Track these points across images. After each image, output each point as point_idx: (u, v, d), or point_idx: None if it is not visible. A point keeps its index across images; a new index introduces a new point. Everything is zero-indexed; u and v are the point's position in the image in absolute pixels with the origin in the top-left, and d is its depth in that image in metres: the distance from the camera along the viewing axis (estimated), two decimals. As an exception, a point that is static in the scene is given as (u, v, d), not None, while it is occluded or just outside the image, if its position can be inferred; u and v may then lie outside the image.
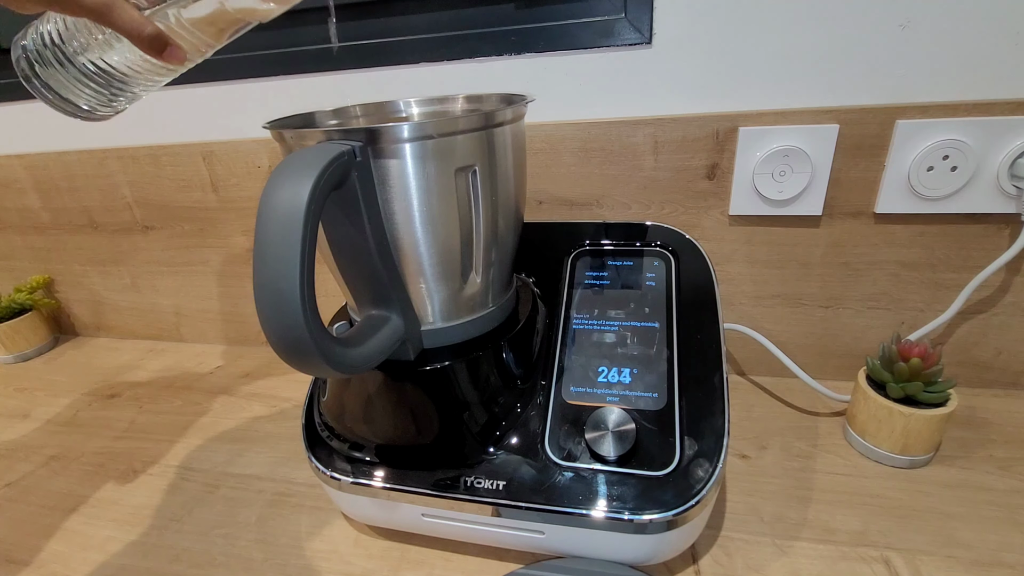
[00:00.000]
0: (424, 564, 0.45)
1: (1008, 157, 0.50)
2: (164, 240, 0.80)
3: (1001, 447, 0.52)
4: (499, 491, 0.40)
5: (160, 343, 0.88)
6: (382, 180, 0.34)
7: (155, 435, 0.64)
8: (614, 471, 0.40)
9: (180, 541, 0.49)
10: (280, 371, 0.75)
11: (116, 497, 0.55)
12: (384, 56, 0.62)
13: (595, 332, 0.47)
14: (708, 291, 0.48)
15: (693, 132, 0.56)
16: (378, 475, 0.42)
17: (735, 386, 0.65)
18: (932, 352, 0.48)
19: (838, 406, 0.60)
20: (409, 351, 0.40)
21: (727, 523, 0.46)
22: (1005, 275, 0.55)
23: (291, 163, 0.30)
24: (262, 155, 0.69)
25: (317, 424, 0.47)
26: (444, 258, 0.38)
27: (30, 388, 0.78)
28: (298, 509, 0.51)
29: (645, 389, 0.43)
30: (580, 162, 0.60)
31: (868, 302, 0.60)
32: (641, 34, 0.55)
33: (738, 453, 0.54)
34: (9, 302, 0.84)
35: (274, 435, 0.62)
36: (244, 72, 0.67)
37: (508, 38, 0.58)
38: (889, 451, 0.50)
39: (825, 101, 0.54)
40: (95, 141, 0.75)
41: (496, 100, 0.47)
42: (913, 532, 0.44)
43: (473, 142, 0.36)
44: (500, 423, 0.43)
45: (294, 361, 0.30)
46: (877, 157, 0.53)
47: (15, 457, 0.62)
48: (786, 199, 0.56)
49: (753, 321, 0.63)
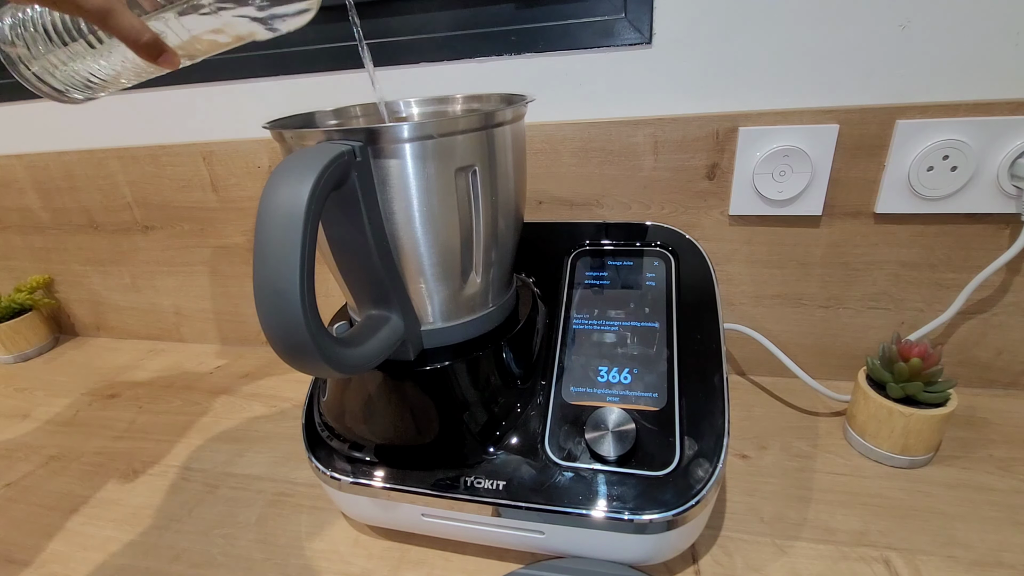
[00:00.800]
0: (424, 564, 0.45)
1: (1008, 157, 0.50)
2: (164, 240, 0.80)
3: (1001, 447, 0.52)
4: (499, 491, 0.40)
5: (160, 343, 0.88)
6: (382, 180, 0.34)
7: (155, 435, 0.64)
8: (614, 471, 0.40)
9: (180, 541, 0.49)
10: (280, 371, 0.75)
11: (116, 497, 0.55)
12: (384, 56, 0.62)
13: (595, 332, 0.47)
14: (708, 291, 0.48)
15: (693, 132, 0.56)
16: (378, 475, 0.42)
17: (735, 386, 0.65)
18: (932, 352, 0.48)
19: (838, 406, 0.60)
20: (409, 351, 0.40)
21: (727, 523, 0.46)
22: (1005, 275, 0.55)
23: (291, 163, 0.30)
24: (262, 155, 0.69)
25: (317, 424, 0.47)
26: (444, 258, 0.38)
27: (30, 388, 0.78)
28: (298, 509, 0.51)
29: (645, 389, 0.43)
30: (580, 162, 0.60)
31: (868, 302, 0.60)
32: (641, 34, 0.55)
33: (738, 453, 0.54)
34: (9, 302, 0.84)
35: (274, 435, 0.62)
36: (244, 72, 0.67)
37: (508, 38, 0.58)
38: (889, 451, 0.50)
39: (825, 101, 0.54)
40: (95, 141, 0.75)
41: (496, 100, 0.47)
42: (913, 532, 0.44)
43: (473, 142, 0.36)
44: (500, 423, 0.43)
45: (294, 361, 0.30)
46: (877, 157, 0.53)
47: (15, 457, 0.62)
48: (786, 199, 0.56)
49: (753, 321, 0.63)
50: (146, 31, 0.31)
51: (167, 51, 0.33)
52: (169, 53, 0.33)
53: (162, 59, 0.32)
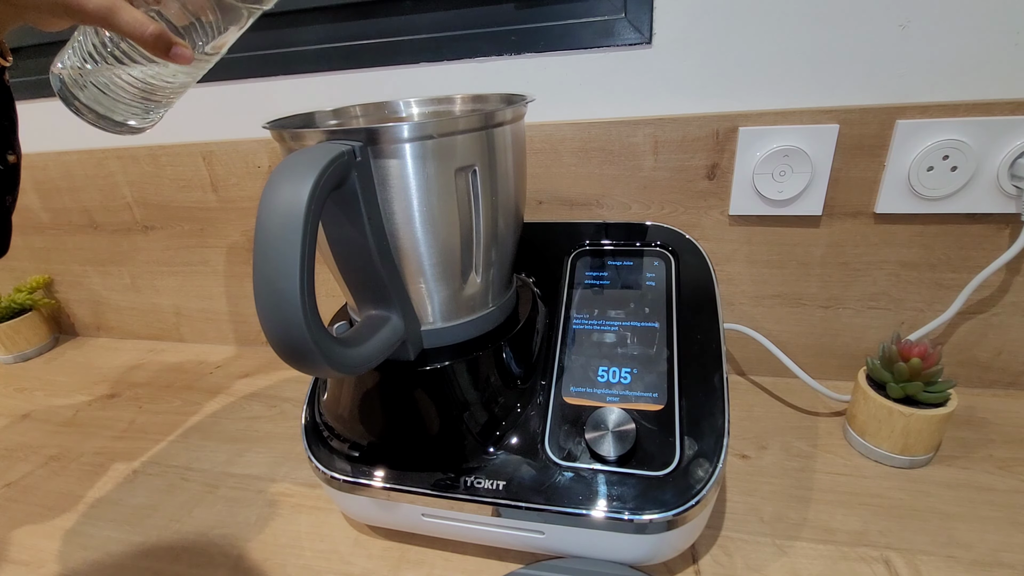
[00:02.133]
0: (424, 564, 0.45)
1: (1008, 157, 0.50)
2: (164, 240, 0.80)
3: (1001, 447, 0.52)
4: (499, 491, 0.40)
5: (160, 343, 0.88)
6: (382, 180, 0.34)
7: (155, 435, 0.64)
8: (614, 471, 0.40)
9: (180, 541, 0.49)
10: (280, 371, 0.75)
11: (116, 497, 0.55)
12: (384, 56, 0.62)
13: (595, 332, 0.47)
14: (708, 291, 0.48)
15: (693, 132, 0.56)
16: (378, 475, 0.42)
17: (735, 386, 0.65)
18: (932, 352, 0.48)
19: (838, 406, 0.60)
20: (409, 351, 0.40)
21: (727, 523, 0.46)
22: (1005, 275, 0.55)
23: (291, 163, 0.30)
24: (262, 155, 0.69)
25: (317, 424, 0.47)
26: (444, 258, 0.38)
27: (30, 388, 0.78)
28: (298, 509, 0.51)
29: (645, 389, 0.43)
30: (580, 162, 0.60)
31: (868, 302, 0.60)
32: (641, 34, 0.55)
33: (738, 453, 0.54)
34: (9, 302, 0.84)
35: (274, 435, 0.62)
36: (244, 72, 0.67)
37: (508, 38, 0.58)
38: (889, 451, 0.50)
39: (825, 101, 0.54)
40: (95, 141, 0.75)
41: (496, 100, 0.47)
42: (913, 532, 0.44)
43: (473, 142, 0.36)
44: (500, 423, 0.43)
45: (294, 361, 0.30)
46: (877, 157, 0.53)
47: (15, 457, 0.62)
48: (786, 199, 0.56)
49: (753, 321, 0.63)
50: (150, 23, 0.31)
51: (176, 44, 0.32)
52: (179, 47, 0.32)
53: (173, 53, 0.32)
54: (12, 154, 0.37)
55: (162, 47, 0.32)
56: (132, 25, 0.30)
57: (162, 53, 0.32)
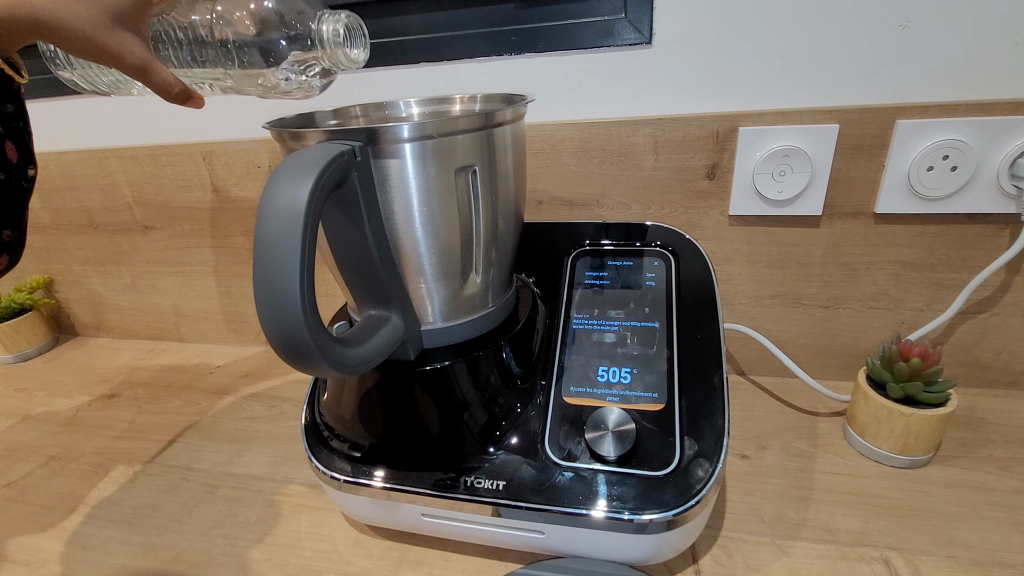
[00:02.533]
0: (424, 564, 0.45)
1: (1008, 157, 0.50)
2: (164, 240, 0.80)
3: (1001, 447, 0.52)
4: (499, 491, 0.40)
5: (160, 343, 0.88)
6: (382, 180, 0.34)
7: (155, 435, 0.64)
8: (614, 471, 0.40)
9: (180, 541, 0.49)
10: (280, 371, 0.75)
11: (116, 497, 0.55)
12: (384, 56, 0.62)
13: (595, 332, 0.47)
14: (708, 291, 0.48)
15: (693, 132, 0.56)
16: (378, 475, 0.42)
17: (735, 386, 0.65)
18: (932, 352, 0.48)
19: (838, 406, 0.60)
20: (409, 351, 0.40)
21: (727, 523, 0.46)
22: (1005, 275, 0.55)
23: (291, 163, 0.30)
24: (262, 155, 0.69)
25: (317, 424, 0.47)
26: (444, 258, 0.38)
27: (30, 388, 0.78)
28: (298, 509, 0.51)
29: (645, 389, 0.43)
30: (580, 162, 0.60)
31: (868, 302, 0.60)
32: (641, 34, 0.55)
33: (738, 453, 0.54)
34: (9, 302, 0.84)
35: (274, 435, 0.62)
36: (244, 72, 0.67)
37: (508, 38, 0.58)
38: (889, 451, 0.50)
39: (825, 101, 0.54)
40: (95, 141, 0.75)
41: (496, 100, 0.47)
42: (913, 532, 0.44)
43: (473, 142, 0.36)
44: (500, 423, 0.43)
45: (294, 361, 0.30)
46: (877, 157, 0.53)
47: (15, 457, 0.62)
48: (786, 199, 0.56)
49: (753, 321, 0.63)
50: (177, 84, 0.36)
51: (194, 96, 0.38)
52: (196, 98, 0.38)
53: (190, 103, 0.37)
54: (32, 168, 0.40)
55: (181, 100, 0.37)
56: (161, 85, 0.35)
57: (180, 103, 0.37)
